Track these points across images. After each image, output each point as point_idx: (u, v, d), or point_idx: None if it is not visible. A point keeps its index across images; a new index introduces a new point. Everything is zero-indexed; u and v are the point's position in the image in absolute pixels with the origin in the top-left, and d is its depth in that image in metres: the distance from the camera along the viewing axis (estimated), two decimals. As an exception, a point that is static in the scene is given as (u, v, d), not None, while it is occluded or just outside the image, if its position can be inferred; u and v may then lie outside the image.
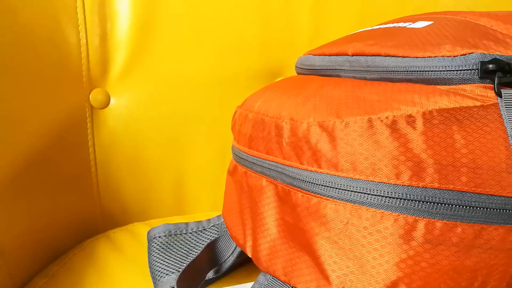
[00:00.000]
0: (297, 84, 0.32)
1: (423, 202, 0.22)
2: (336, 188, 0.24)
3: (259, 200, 0.30)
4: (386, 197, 0.23)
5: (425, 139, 0.23)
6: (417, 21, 0.32)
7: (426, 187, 0.22)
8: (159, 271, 0.36)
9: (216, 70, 0.53)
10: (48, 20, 0.44)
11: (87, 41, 0.47)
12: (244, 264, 0.38)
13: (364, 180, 0.23)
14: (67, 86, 0.46)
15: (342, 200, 0.24)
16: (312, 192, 0.26)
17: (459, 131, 0.23)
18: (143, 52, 0.50)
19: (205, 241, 0.38)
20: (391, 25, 0.34)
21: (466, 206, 0.22)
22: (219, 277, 0.36)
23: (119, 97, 0.50)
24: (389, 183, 0.23)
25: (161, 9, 0.50)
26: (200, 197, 0.54)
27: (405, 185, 0.23)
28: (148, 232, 0.40)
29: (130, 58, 0.50)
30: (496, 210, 0.23)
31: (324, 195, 0.25)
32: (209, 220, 0.41)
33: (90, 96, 0.49)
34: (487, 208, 0.22)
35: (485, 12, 0.32)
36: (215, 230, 0.40)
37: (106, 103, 0.50)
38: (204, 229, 0.40)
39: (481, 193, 0.22)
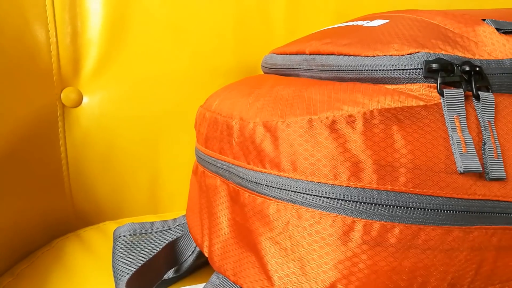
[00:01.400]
0: (254, 83, 0.32)
1: (361, 203, 0.22)
2: (278, 188, 0.24)
3: (213, 200, 0.30)
4: (325, 197, 0.23)
5: (364, 139, 0.23)
6: (374, 20, 0.32)
7: (364, 188, 0.22)
8: (120, 271, 0.36)
9: (192, 67, 0.53)
10: (15, 18, 0.44)
11: (57, 40, 0.47)
12: (207, 264, 0.38)
13: (304, 180, 0.23)
14: (37, 85, 0.46)
15: (283, 200, 0.24)
16: (257, 192, 0.25)
17: (399, 131, 0.23)
18: (116, 50, 0.50)
19: (170, 240, 0.38)
20: (351, 23, 0.34)
21: (404, 207, 0.22)
22: (179, 276, 0.36)
23: (92, 95, 0.50)
24: (327, 184, 0.23)
25: (134, 6, 0.50)
26: (174, 196, 0.54)
27: (343, 186, 0.22)
28: (114, 231, 0.40)
29: (102, 57, 0.50)
30: (434, 210, 0.22)
31: (268, 195, 0.25)
32: (175, 219, 0.41)
33: (62, 94, 0.48)
34: (425, 209, 0.22)
35: (442, 11, 0.32)
36: (180, 229, 0.40)
37: (79, 102, 0.50)
38: (169, 228, 0.40)
39: (419, 194, 0.22)
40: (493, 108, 0.24)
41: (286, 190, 0.24)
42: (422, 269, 0.23)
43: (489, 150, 0.23)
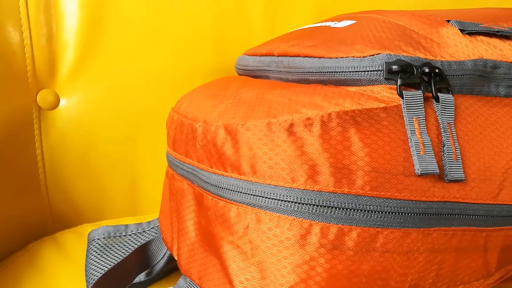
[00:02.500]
0: (221, 85, 0.31)
1: (317, 206, 0.22)
2: (238, 192, 0.24)
3: (181, 203, 0.30)
4: (283, 200, 0.23)
5: (321, 142, 0.22)
6: (342, 20, 0.32)
7: (321, 191, 0.22)
8: (92, 274, 0.36)
9: (170, 68, 0.53)
10: (-14, 20, 0.43)
11: (31, 41, 0.47)
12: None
13: (263, 184, 0.23)
14: (11, 87, 0.46)
15: (243, 203, 0.24)
16: (219, 195, 0.25)
17: (356, 133, 0.23)
18: (93, 51, 0.50)
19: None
20: (319, 24, 0.33)
21: (361, 210, 0.22)
22: (151, 280, 0.36)
23: (69, 97, 0.50)
24: (285, 187, 0.23)
25: (111, 7, 0.50)
26: (154, 198, 0.53)
27: (300, 189, 0.22)
28: (88, 234, 0.40)
29: (79, 58, 0.49)
30: (392, 213, 0.22)
31: (229, 199, 0.24)
32: (149, 222, 0.41)
33: (38, 97, 0.48)
34: (382, 212, 0.22)
35: (410, 11, 0.32)
36: (154, 232, 0.40)
37: (55, 104, 0.49)
38: (143, 231, 0.40)
39: (376, 197, 0.22)
40: (453, 110, 0.24)
41: (246, 193, 0.24)
42: (382, 272, 0.23)
43: (448, 152, 0.23)
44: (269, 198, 0.23)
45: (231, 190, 0.24)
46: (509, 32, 0.28)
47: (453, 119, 0.24)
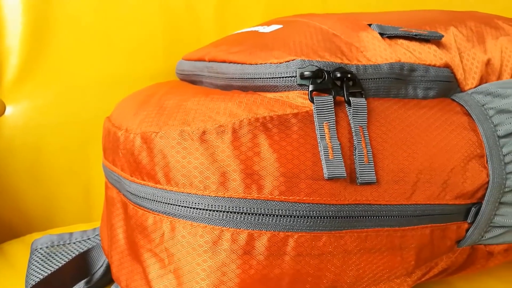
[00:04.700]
0: (151, 92, 0.31)
1: (228, 212, 0.22)
2: (154, 201, 0.24)
3: (111, 211, 0.30)
4: (195, 208, 0.23)
5: (232, 149, 0.23)
6: (271, 25, 0.32)
7: (231, 197, 0.22)
8: (31, 285, 0.35)
9: (121, 72, 0.52)
10: None
11: (-28, 49, 0.46)
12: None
13: (177, 192, 0.23)
14: (-49, 96, 0.45)
15: (159, 212, 0.24)
16: (138, 204, 0.25)
17: (266, 139, 0.23)
18: (39, 57, 0.49)
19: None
20: (251, 29, 0.34)
21: (270, 215, 0.22)
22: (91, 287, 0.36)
23: (16, 104, 0.49)
24: (197, 194, 0.23)
25: (57, 12, 0.49)
26: (107, 203, 0.53)
27: (211, 196, 0.23)
28: (32, 244, 0.39)
29: (24, 64, 0.48)
30: (301, 217, 0.23)
31: (146, 208, 0.25)
32: (94, 229, 0.41)
33: (-18, 104, 0.47)
34: (291, 216, 0.23)
35: (337, 15, 0.32)
36: (99, 239, 0.39)
37: (1, 112, 0.48)
38: (88, 238, 0.40)
39: (285, 201, 0.22)
40: (365, 113, 0.25)
41: (161, 202, 0.24)
42: (295, 275, 0.23)
43: (359, 155, 0.24)
44: (182, 206, 0.23)
45: (148, 199, 0.24)
46: (428, 35, 0.29)
47: (365, 122, 0.25)
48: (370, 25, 0.29)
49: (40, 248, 0.39)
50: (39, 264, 0.37)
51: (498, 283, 0.37)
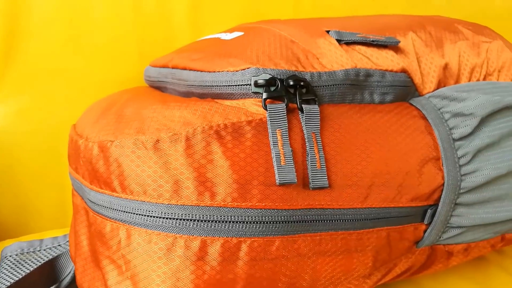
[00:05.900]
0: (114, 99, 0.32)
1: (181, 219, 0.23)
2: (111, 209, 0.24)
3: (76, 218, 0.30)
4: (150, 216, 0.23)
5: (185, 157, 0.23)
6: (233, 32, 0.33)
7: (184, 205, 0.23)
8: (-1, 293, 0.35)
9: (93, 76, 0.52)
10: None
11: None
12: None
13: (132, 200, 0.24)
14: None
15: (116, 220, 0.24)
16: (96, 211, 0.26)
17: (219, 147, 0.23)
18: (10, 62, 0.49)
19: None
20: (213, 36, 0.34)
21: (223, 221, 0.23)
22: (60, 295, 0.36)
23: (-13, 111, 0.49)
24: (151, 202, 0.23)
25: (26, 20, 0.49)
26: (82, 208, 0.53)
27: (165, 204, 0.23)
28: (1, 251, 0.39)
29: (-4, 71, 0.48)
30: (254, 223, 0.23)
31: (104, 215, 0.25)
32: (65, 235, 0.41)
33: (-46, 111, 0.47)
34: (244, 222, 0.23)
35: (299, 21, 0.33)
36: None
37: (-27, 118, 0.48)
38: (59, 245, 0.40)
39: (237, 207, 0.23)
40: (318, 120, 0.25)
41: (118, 210, 0.24)
42: (249, 280, 0.23)
43: (312, 161, 0.24)
44: (137, 214, 0.23)
45: (105, 207, 0.25)
46: (386, 41, 0.29)
47: (318, 128, 0.25)
48: (328, 31, 0.30)
49: (10, 256, 0.38)
50: (8, 272, 0.37)
51: (462, 280, 0.38)
